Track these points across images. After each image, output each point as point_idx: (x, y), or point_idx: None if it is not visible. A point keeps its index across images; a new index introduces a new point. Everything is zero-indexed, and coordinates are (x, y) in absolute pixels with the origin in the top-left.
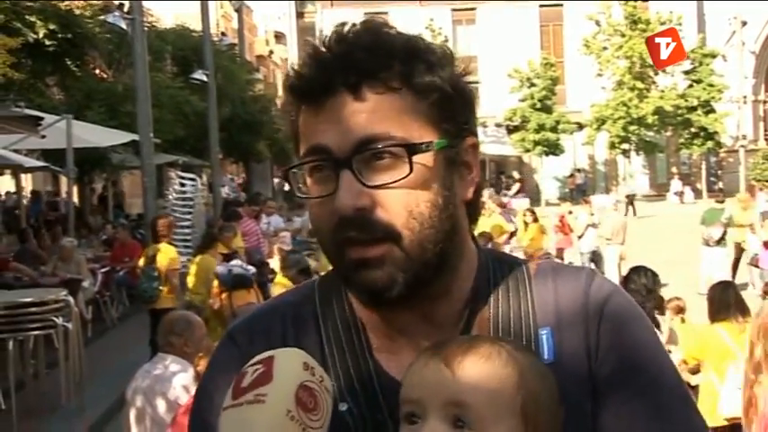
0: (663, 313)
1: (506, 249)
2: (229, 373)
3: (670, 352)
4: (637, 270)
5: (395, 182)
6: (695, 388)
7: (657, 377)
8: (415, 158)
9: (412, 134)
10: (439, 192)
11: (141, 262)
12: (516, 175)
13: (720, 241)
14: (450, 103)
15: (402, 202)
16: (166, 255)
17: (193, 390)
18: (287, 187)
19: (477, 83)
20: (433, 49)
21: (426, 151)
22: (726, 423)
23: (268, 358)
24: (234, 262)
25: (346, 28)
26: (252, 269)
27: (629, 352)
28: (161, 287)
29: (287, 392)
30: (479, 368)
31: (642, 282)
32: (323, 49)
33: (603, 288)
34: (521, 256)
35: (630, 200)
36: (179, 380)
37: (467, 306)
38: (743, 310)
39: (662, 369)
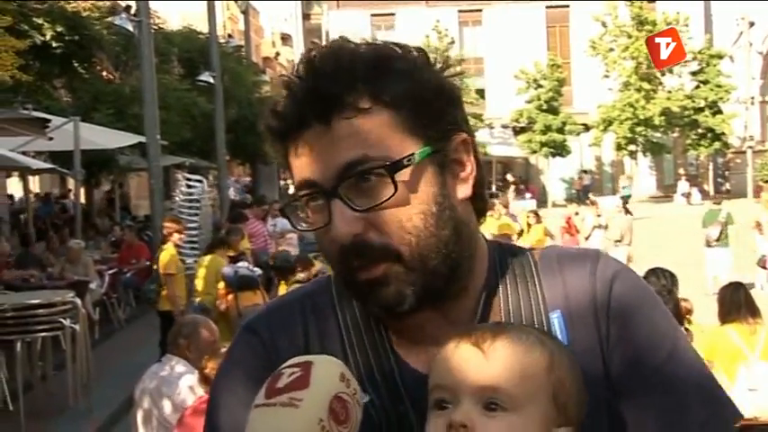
0: (681, 313)
1: None
2: (251, 365)
3: None
4: (654, 272)
5: (382, 202)
6: None
7: (669, 360)
8: (398, 175)
9: (392, 150)
10: (431, 200)
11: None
12: (510, 177)
13: (720, 240)
14: (430, 107)
15: (394, 220)
16: (164, 256)
17: (199, 391)
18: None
19: (463, 77)
20: (406, 54)
21: (408, 166)
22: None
23: (306, 363)
24: (240, 264)
25: (313, 52)
26: (258, 271)
27: (639, 338)
28: (159, 289)
29: (322, 401)
30: (510, 350)
31: (662, 283)
32: (295, 79)
33: (609, 269)
34: None
35: (625, 201)
36: (185, 381)
37: (479, 300)
38: (753, 311)
39: (675, 349)
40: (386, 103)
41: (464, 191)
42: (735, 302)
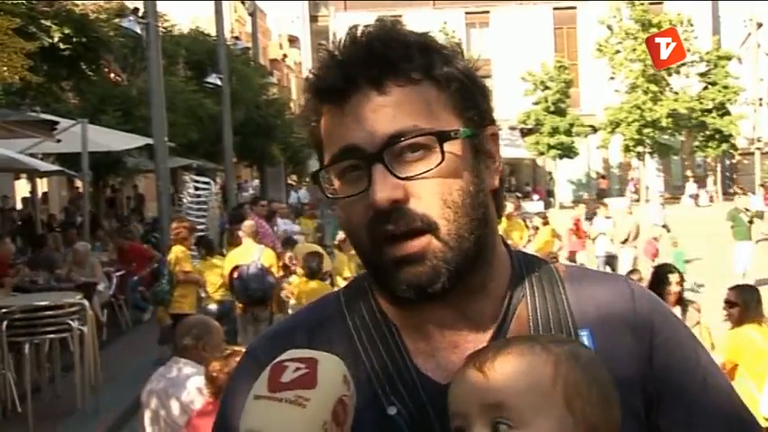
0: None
1: None
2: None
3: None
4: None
5: (427, 171)
6: None
7: (704, 388)
8: (446, 146)
9: (439, 124)
10: (469, 179)
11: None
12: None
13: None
14: (470, 93)
15: (435, 191)
16: (175, 255)
17: (207, 392)
18: (295, 195)
19: (487, 77)
20: (444, 44)
21: (455, 138)
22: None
23: (311, 359)
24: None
25: (359, 31)
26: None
27: (677, 362)
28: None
29: (327, 403)
30: (510, 366)
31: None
32: (337, 53)
33: (645, 294)
34: None
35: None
36: (193, 382)
37: (503, 304)
38: (763, 312)
39: (709, 376)
40: (435, 80)
41: (493, 182)
42: (745, 304)
